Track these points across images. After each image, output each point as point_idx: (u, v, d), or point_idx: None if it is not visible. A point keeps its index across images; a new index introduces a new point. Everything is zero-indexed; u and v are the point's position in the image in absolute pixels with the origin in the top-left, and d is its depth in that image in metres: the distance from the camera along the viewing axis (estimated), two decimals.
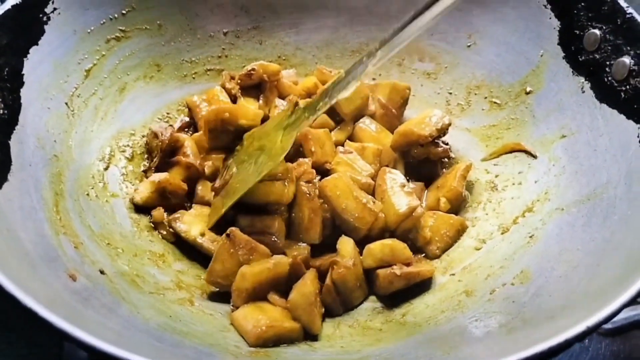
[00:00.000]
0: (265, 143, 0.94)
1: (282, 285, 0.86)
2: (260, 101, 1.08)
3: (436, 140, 1.01)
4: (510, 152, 1.03)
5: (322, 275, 0.88)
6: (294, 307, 0.82)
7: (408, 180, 1.00)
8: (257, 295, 0.84)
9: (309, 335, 0.83)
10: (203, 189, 0.99)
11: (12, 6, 0.88)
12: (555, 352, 0.56)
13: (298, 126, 0.91)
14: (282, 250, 0.90)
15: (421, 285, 0.89)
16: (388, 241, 0.90)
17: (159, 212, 0.96)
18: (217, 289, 0.87)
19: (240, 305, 0.84)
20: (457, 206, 1.00)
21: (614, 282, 0.66)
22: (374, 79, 1.17)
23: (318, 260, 0.90)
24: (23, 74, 0.89)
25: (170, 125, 1.04)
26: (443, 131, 1.00)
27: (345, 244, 0.89)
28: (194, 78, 1.14)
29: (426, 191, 1.02)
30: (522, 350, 0.58)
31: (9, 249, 0.67)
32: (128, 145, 1.03)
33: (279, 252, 0.89)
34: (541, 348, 0.58)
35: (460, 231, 0.96)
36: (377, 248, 0.88)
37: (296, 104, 0.95)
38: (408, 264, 0.88)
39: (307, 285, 0.83)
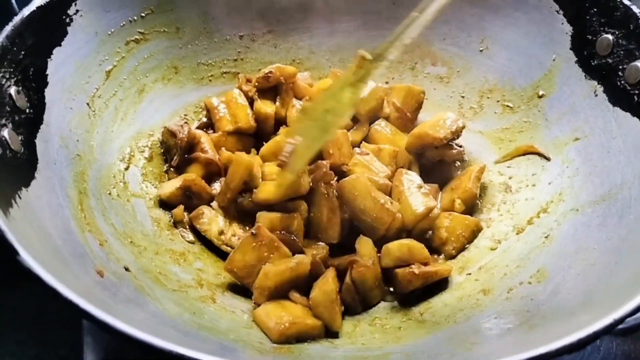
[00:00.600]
0: (332, 104, 0.93)
1: (303, 284, 0.88)
2: (277, 103, 1.09)
3: (450, 143, 1.03)
4: (523, 154, 1.05)
5: (340, 275, 0.90)
6: (316, 304, 0.84)
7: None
8: (279, 293, 0.86)
9: (330, 333, 0.84)
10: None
11: (37, 7, 0.90)
12: (581, 345, 0.58)
13: (368, 75, 0.90)
14: (301, 249, 0.91)
15: (438, 285, 0.91)
16: (406, 241, 0.91)
17: (179, 210, 0.97)
18: (237, 283, 0.89)
19: (262, 302, 0.85)
20: (472, 207, 1.02)
21: (633, 279, 0.67)
22: (387, 83, 1.19)
23: (337, 260, 0.92)
24: (47, 74, 0.90)
25: (186, 122, 1.06)
26: (457, 134, 1.02)
27: (365, 244, 0.91)
28: (210, 80, 1.15)
29: (440, 193, 1.04)
30: (545, 345, 0.60)
31: (42, 245, 0.68)
32: (147, 146, 1.04)
33: (298, 251, 0.91)
34: (567, 342, 0.59)
35: (476, 232, 0.97)
36: (395, 247, 0.90)
37: (363, 57, 0.92)
38: (426, 264, 0.90)
39: (328, 283, 0.85)
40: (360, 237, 0.92)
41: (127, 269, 0.81)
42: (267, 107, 1.07)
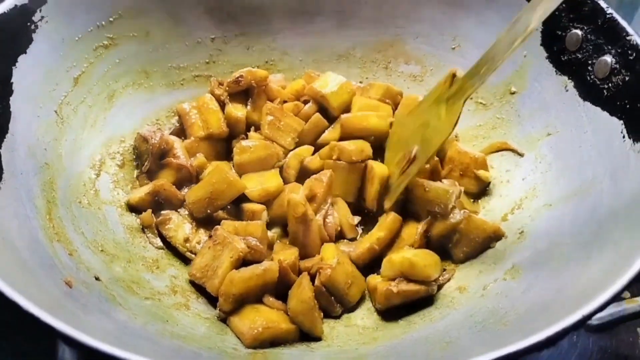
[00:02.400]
0: (428, 119, 0.94)
1: (272, 289, 0.87)
2: (249, 107, 1.08)
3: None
4: (497, 151, 1.05)
5: (313, 278, 0.88)
6: (295, 313, 0.83)
7: None
8: (245, 300, 0.84)
9: (306, 336, 0.83)
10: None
11: (0, 15, 0.88)
12: (552, 341, 0.58)
13: (463, 95, 0.90)
14: (264, 255, 0.90)
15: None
16: (410, 254, 0.88)
17: (147, 215, 0.96)
18: (199, 284, 0.88)
19: (227, 309, 0.84)
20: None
21: (603, 274, 0.68)
22: (360, 82, 1.18)
23: (308, 262, 0.91)
24: (12, 82, 0.88)
25: (159, 129, 1.05)
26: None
27: (327, 249, 0.91)
28: (182, 84, 1.14)
29: None
30: (519, 342, 0.60)
31: (6, 257, 0.67)
32: (118, 152, 1.03)
33: (260, 257, 0.89)
34: (538, 339, 0.59)
35: (493, 238, 0.93)
36: (398, 261, 0.87)
37: (454, 75, 0.94)
38: (423, 282, 0.87)
39: (305, 290, 0.84)
40: (323, 244, 0.92)
41: (97, 279, 0.80)
42: (238, 111, 1.06)
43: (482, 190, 1.03)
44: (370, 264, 0.93)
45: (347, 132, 1.04)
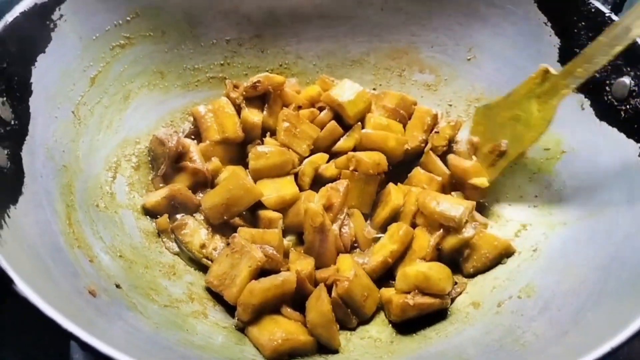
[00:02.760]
0: (519, 113, 0.94)
1: (290, 300, 0.87)
2: (265, 112, 1.08)
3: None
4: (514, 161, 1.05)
5: (329, 289, 0.89)
6: (313, 325, 0.83)
7: None
8: (263, 310, 0.85)
9: (324, 348, 0.84)
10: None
11: (20, 13, 0.87)
12: None
13: (557, 94, 0.91)
14: (280, 263, 0.90)
15: None
16: (424, 267, 0.89)
17: (164, 220, 0.96)
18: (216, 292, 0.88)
19: (245, 319, 0.84)
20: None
21: (626, 300, 0.69)
22: (374, 89, 1.19)
23: (324, 273, 0.91)
24: (31, 83, 0.87)
25: (175, 132, 1.04)
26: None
27: (343, 260, 0.91)
28: (196, 85, 1.13)
29: None
30: None
31: (33, 267, 0.67)
32: (133, 154, 1.02)
33: (277, 266, 0.90)
34: None
35: (504, 254, 0.94)
36: (413, 274, 0.88)
37: (546, 70, 0.94)
38: (438, 296, 0.87)
39: (324, 303, 0.84)
40: (339, 255, 0.93)
41: (118, 286, 0.80)
42: (254, 116, 1.06)
43: (483, 198, 1.03)
44: (381, 276, 0.94)
45: (363, 147, 1.04)
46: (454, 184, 1.04)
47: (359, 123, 1.07)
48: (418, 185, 1.02)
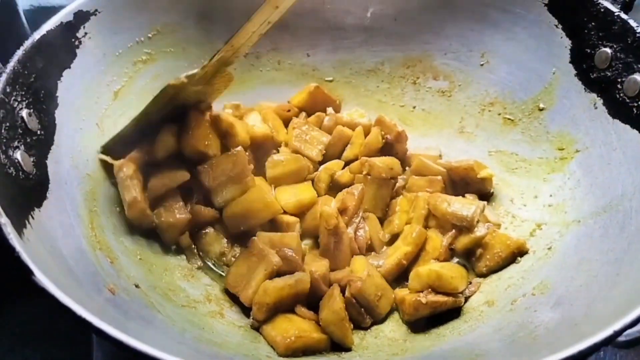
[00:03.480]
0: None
1: (304, 300, 0.89)
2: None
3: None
4: None
5: (343, 290, 0.90)
6: (326, 323, 0.85)
7: None
8: (278, 309, 0.86)
9: (337, 346, 0.85)
10: None
11: (47, 31, 0.92)
12: (583, 356, 0.59)
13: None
14: (299, 266, 0.92)
15: None
16: (436, 267, 0.90)
17: (186, 238, 0.97)
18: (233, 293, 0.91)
19: (260, 318, 0.86)
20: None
21: (633, 290, 0.69)
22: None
23: (339, 274, 0.93)
24: (57, 96, 0.92)
25: None
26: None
27: (357, 262, 0.93)
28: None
29: None
30: (549, 356, 0.61)
31: (56, 265, 0.70)
32: None
33: (296, 268, 0.91)
34: (569, 353, 0.60)
35: (517, 254, 0.94)
36: (425, 273, 0.89)
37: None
38: (451, 294, 0.88)
39: (336, 301, 0.86)
40: (353, 257, 0.94)
41: (137, 286, 0.83)
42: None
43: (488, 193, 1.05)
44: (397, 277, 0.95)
45: None
46: (454, 183, 1.05)
47: (360, 128, 1.10)
48: (420, 191, 1.03)
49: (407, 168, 1.10)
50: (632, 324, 0.61)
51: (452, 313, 0.89)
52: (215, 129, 1.02)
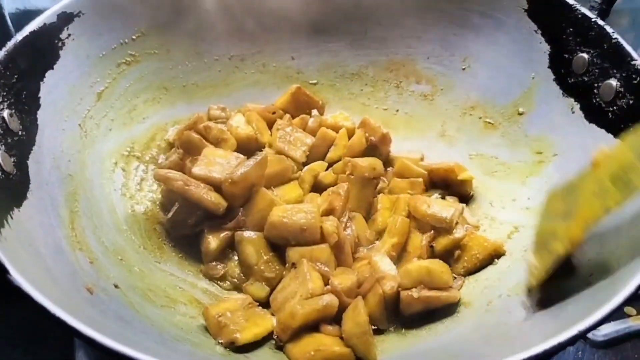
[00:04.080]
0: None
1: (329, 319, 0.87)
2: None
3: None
4: None
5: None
6: (349, 336, 0.83)
7: None
8: (301, 331, 0.84)
9: None
10: None
11: (30, 32, 0.93)
12: (548, 355, 0.60)
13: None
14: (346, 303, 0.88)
15: None
16: (425, 262, 0.91)
17: (213, 269, 0.96)
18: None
19: (284, 339, 0.84)
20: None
21: (605, 292, 0.70)
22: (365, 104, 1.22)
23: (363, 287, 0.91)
24: (40, 97, 0.93)
25: None
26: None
27: (382, 260, 0.92)
28: (200, 99, 1.18)
29: None
30: (515, 354, 0.62)
31: (33, 265, 0.71)
32: (138, 167, 1.06)
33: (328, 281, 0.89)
34: (534, 352, 0.61)
35: (494, 256, 0.95)
36: (415, 269, 0.89)
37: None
38: (443, 289, 0.89)
39: (360, 314, 0.84)
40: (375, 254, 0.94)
41: (116, 286, 0.83)
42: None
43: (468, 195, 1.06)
44: None
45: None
46: (434, 185, 1.06)
47: (343, 130, 1.11)
48: (402, 192, 1.04)
49: (389, 169, 1.12)
50: (595, 325, 0.62)
51: (429, 314, 0.89)
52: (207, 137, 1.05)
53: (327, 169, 1.09)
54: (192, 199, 0.94)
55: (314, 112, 1.17)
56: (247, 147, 1.09)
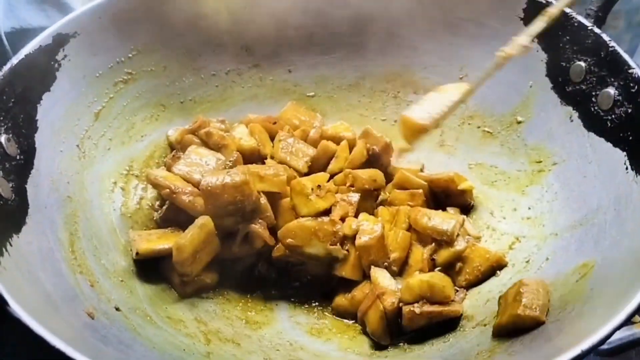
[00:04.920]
0: None
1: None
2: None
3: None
4: None
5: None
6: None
7: None
8: None
9: None
10: None
11: (26, 55, 0.93)
12: None
13: None
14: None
15: None
16: (426, 277, 0.90)
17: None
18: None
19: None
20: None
21: (604, 308, 0.69)
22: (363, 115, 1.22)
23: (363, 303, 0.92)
24: (37, 120, 0.93)
25: None
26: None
27: (382, 275, 0.92)
28: (198, 114, 1.17)
29: None
30: None
31: (32, 291, 0.71)
32: (137, 185, 1.06)
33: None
34: None
35: (496, 267, 0.95)
36: (416, 284, 0.89)
37: None
38: (445, 303, 0.89)
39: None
40: (372, 269, 0.94)
41: (117, 309, 0.83)
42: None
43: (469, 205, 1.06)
44: None
45: None
46: (435, 195, 1.06)
47: (345, 142, 1.10)
48: (402, 204, 1.03)
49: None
50: (600, 343, 0.62)
51: (431, 328, 0.89)
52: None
53: (328, 181, 1.09)
54: (180, 206, 0.96)
55: (316, 122, 1.17)
56: (250, 159, 1.09)
